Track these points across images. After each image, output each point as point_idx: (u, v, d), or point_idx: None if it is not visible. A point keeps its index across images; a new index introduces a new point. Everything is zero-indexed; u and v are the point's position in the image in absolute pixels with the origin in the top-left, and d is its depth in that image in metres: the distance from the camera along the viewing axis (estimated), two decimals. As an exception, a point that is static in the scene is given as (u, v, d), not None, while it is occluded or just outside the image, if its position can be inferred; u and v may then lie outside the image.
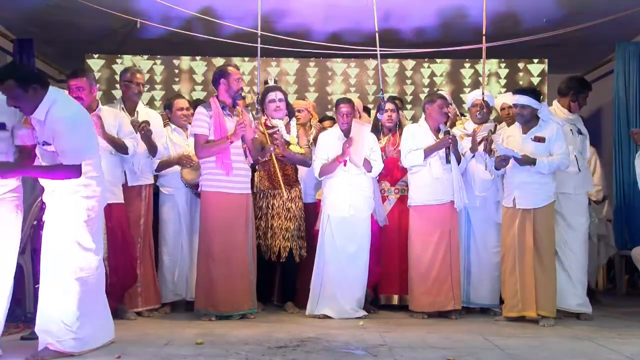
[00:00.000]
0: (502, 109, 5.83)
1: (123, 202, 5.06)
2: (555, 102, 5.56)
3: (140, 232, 5.28)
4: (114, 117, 5.04)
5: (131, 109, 5.34)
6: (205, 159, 5.11)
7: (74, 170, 3.75)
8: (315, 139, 5.74)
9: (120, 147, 4.97)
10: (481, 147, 5.45)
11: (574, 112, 5.49)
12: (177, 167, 5.52)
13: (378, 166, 5.40)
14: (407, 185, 5.63)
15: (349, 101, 5.51)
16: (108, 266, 4.82)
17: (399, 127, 5.82)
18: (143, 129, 5.12)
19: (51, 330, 3.76)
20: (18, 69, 3.84)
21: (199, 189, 5.21)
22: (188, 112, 5.68)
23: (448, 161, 5.28)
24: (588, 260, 5.53)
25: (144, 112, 5.41)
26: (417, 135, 5.44)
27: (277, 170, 5.33)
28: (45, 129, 3.72)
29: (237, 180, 5.09)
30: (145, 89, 5.57)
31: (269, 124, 5.48)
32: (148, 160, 5.35)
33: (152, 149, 5.28)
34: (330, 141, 5.43)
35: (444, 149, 5.30)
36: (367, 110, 6.61)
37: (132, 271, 5.09)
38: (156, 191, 5.60)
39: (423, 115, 5.59)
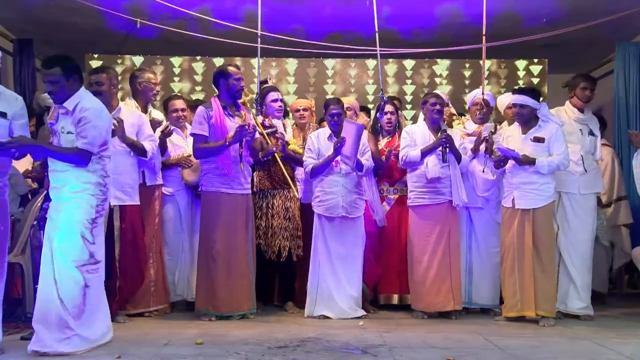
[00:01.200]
0: (509, 107, 5.79)
1: (139, 203, 5.05)
2: (566, 103, 5.56)
3: (155, 232, 5.33)
4: (134, 118, 5.06)
5: (143, 109, 5.35)
6: (205, 159, 5.11)
7: (85, 158, 3.91)
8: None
9: (139, 150, 4.99)
10: (482, 147, 5.45)
11: (576, 106, 5.45)
12: (176, 168, 5.54)
13: (368, 165, 5.37)
14: (406, 186, 5.63)
15: (338, 101, 5.46)
16: (118, 268, 4.83)
17: (398, 128, 5.82)
18: (166, 130, 5.24)
19: (52, 328, 3.76)
20: (65, 59, 4.05)
21: (200, 190, 5.21)
22: (183, 113, 5.70)
23: (444, 160, 5.27)
24: (599, 265, 5.50)
25: (155, 113, 5.45)
26: (415, 136, 5.44)
27: (284, 169, 5.32)
28: (72, 118, 3.94)
29: (237, 180, 5.09)
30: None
31: (267, 124, 5.47)
32: (160, 159, 5.40)
33: (163, 149, 5.37)
34: (320, 141, 5.41)
35: (440, 148, 5.29)
36: (366, 110, 6.60)
37: (140, 274, 5.08)
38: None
39: (422, 116, 5.60)
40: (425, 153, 5.32)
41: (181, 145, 5.62)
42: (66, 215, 3.88)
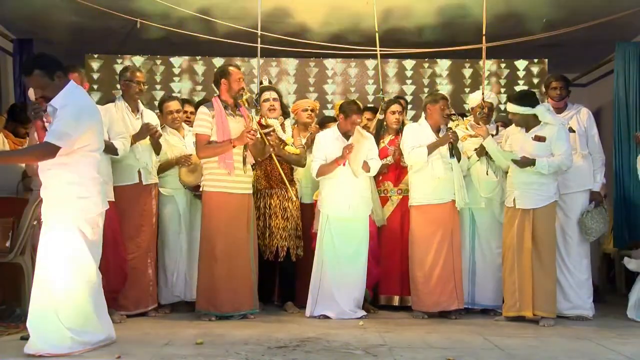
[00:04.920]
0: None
1: (113, 199, 4.99)
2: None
3: (153, 231, 5.34)
4: (104, 117, 5.00)
5: (134, 109, 5.32)
6: (207, 159, 5.11)
7: (49, 150, 3.72)
8: (312, 140, 5.74)
9: (110, 149, 4.94)
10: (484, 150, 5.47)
11: (552, 107, 5.46)
12: (175, 168, 5.54)
13: (376, 165, 5.39)
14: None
15: (359, 109, 5.49)
16: (99, 268, 4.79)
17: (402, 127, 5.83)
18: (157, 133, 5.23)
19: (46, 331, 3.74)
20: (41, 58, 3.90)
21: (200, 190, 5.21)
22: (178, 115, 5.66)
23: (452, 155, 5.28)
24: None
25: (147, 113, 5.42)
26: (418, 134, 5.45)
27: (280, 169, 5.33)
28: (56, 114, 3.79)
29: (239, 180, 5.09)
30: (145, 88, 5.56)
31: (264, 123, 5.48)
32: (154, 159, 5.39)
33: (157, 149, 5.36)
34: (328, 141, 5.41)
35: (447, 145, 5.30)
36: (371, 109, 6.59)
37: (123, 273, 5.05)
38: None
39: (423, 115, 5.59)
40: (432, 149, 5.33)
41: (178, 146, 5.62)
42: (53, 217, 3.83)
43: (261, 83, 6.00)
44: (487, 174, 5.48)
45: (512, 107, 5.22)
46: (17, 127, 5.85)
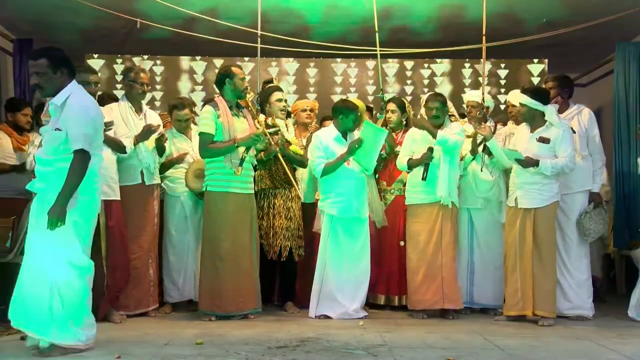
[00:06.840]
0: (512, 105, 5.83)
1: (119, 199, 5.00)
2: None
3: (155, 231, 5.34)
4: (108, 117, 5.02)
5: (137, 109, 5.30)
6: (211, 159, 5.11)
7: (84, 158, 3.77)
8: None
9: (117, 147, 4.97)
10: (480, 148, 5.47)
11: (557, 106, 5.46)
12: (182, 173, 5.55)
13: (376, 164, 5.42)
14: (403, 185, 5.68)
15: (356, 107, 5.50)
16: (106, 266, 4.80)
17: (406, 125, 5.82)
18: (163, 137, 5.26)
19: (39, 326, 3.73)
20: (53, 50, 3.97)
21: (204, 189, 5.20)
22: (186, 123, 5.69)
23: (424, 178, 5.29)
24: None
25: (150, 113, 5.42)
26: (417, 140, 5.46)
27: (286, 169, 5.33)
28: (60, 114, 3.82)
29: (242, 180, 5.10)
30: (149, 89, 5.56)
31: (270, 123, 5.47)
32: (157, 159, 5.40)
33: (161, 151, 5.37)
34: (328, 140, 5.39)
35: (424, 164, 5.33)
36: (369, 110, 6.61)
37: (127, 272, 5.07)
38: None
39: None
40: (413, 165, 5.42)
41: (186, 148, 5.63)
42: (43, 216, 3.75)
43: (270, 82, 6.00)
44: (481, 171, 5.49)
45: (522, 98, 5.19)
46: (17, 118, 5.84)
